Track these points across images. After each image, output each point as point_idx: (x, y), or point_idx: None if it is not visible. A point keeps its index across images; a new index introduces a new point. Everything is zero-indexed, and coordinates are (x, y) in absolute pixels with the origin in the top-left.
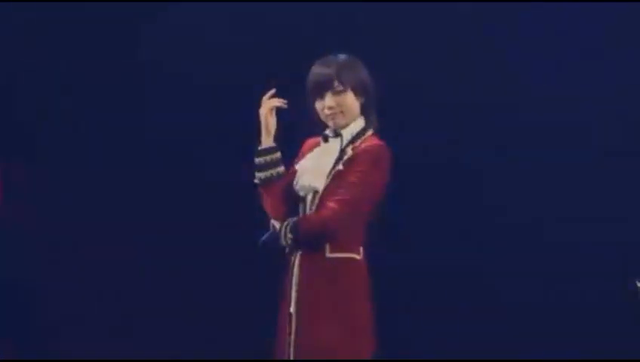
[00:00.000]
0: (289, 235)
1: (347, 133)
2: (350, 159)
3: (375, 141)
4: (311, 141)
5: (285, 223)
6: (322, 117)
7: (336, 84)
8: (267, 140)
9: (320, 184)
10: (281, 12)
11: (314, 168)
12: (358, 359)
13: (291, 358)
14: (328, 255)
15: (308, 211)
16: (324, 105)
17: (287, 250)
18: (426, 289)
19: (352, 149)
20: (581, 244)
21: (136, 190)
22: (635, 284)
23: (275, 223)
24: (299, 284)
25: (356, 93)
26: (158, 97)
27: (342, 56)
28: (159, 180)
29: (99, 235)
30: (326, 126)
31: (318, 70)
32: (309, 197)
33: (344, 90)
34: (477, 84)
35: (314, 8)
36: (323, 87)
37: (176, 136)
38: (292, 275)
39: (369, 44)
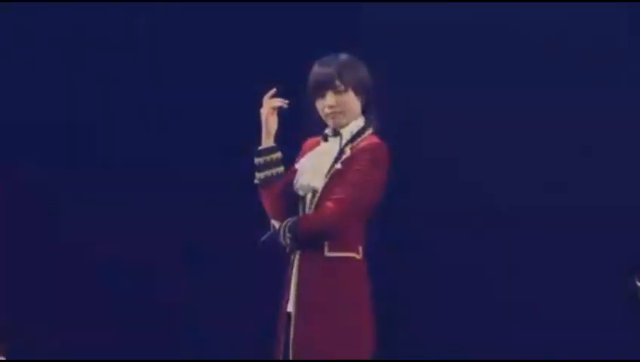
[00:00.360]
0: (288, 235)
1: (347, 133)
2: (349, 158)
3: (374, 140)
4: (311, 140)
5: (284, 223)
6: (323, 116)
7: (337, 83)
8: (267, 140)
9: (319, 183)
10: (282, 12)
11: (313, 168)
12: (357, 359)
13: (290, 358)
14: (327, 254)
15: (307, 211)
16: (325, 104)
17: (287, 249)
18: (427, 289)
19: (351, 148)
20: (581, 243)
21: (136, 190)
22: (635, 284)
23: (275, 223)
24: (298, 284)
25: (357, 93)
26: (158, 97)
27: (343, 56)
28: (159, 180)
29: (99, 235)
30: (326, 125)
31: (319, 69)
32: (309, 197)
33: (345, 90)
34: (477, 84)
35: (314, 8)
36: (324, 87)
37: (177, 136)
38: (291, 275)
39: (369, 44)
